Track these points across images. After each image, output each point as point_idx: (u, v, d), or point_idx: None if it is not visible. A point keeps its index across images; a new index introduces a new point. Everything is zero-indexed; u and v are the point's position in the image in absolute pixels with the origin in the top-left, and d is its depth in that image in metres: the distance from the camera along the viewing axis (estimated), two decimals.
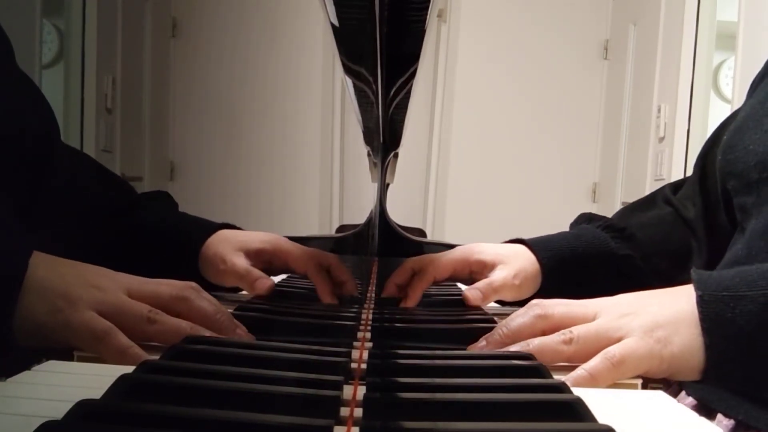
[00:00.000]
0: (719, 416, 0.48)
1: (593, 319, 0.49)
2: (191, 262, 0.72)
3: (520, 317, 0.51)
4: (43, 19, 2.24)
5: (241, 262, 0.71)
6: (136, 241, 0.74)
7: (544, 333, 0.49)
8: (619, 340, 0.45)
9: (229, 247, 0.72)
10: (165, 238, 0.74)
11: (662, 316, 0.46)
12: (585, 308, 0.50)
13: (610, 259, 0.75)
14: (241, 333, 0.52)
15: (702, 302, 0.45)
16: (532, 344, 0.47)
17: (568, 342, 0.46)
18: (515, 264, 0.73)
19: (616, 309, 0.48)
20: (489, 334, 0.51)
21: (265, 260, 0.74)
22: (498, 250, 0.76)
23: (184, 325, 0.49)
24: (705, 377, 0.45)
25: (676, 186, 0.83)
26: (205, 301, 0.52)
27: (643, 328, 0.45)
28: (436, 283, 0.74)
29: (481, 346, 0.51)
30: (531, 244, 0.77)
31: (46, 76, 2.38)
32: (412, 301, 0.71)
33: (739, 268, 0.48)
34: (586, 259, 0.75)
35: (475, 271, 0.75)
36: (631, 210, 0.84)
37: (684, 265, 0.75)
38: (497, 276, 0.72)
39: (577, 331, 0.47)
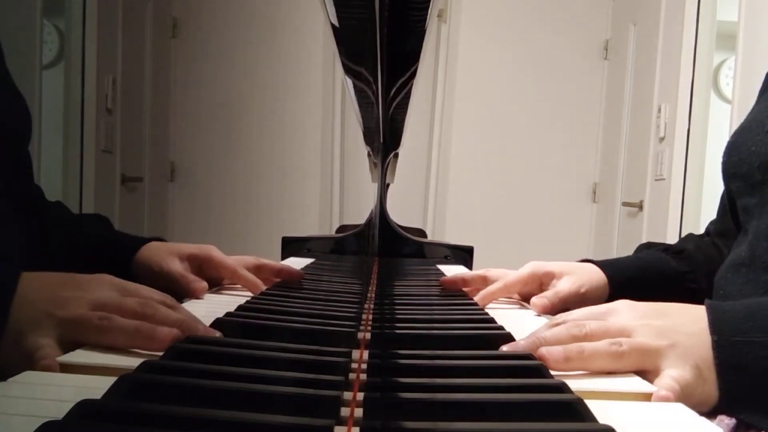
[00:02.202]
0: (720, 415, 0.48)
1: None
2: (125, 269, 0.78)
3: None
4: (44, 20, 2.24)
5: (176, 266, 0.78)
6: (72, 251, 0.79)
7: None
8: (658, 365, 0.46)
9: (163, 253, 0.79)
10: (100, 248, 0.81)
11: (697, 355, 0.47)
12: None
13: (673, 275, 0.81)
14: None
15: (718, 347, 0.46)
16: (587, 350, 0.47)
17: (620, 356, 0.46)
18: (582, 275, 0.79)
19: (653, 330, 0.48)
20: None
21: (197, 265, 0.81)
22: (564, 265, 0.83)
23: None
24: (714, 413, 0.46)
25: (714, 222, 0.90)
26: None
27: (683, 360, 0.46)
28: (509, 293, 0.83)
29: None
30: (598, 263, 0.83)
31: (47, 76, 2.38)
32: (483, 302, 0.79)
33: (749, 306, 0.48)
34: (651, 276, 0.81)
35: (544, 282, 0.81)
36: (687, 238, 0.92)
37: None
38: (563, 286, 0.78)
39: (626, 346, 0.47)
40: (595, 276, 0.79)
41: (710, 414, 0.48)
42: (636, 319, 0.49)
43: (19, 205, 0.69)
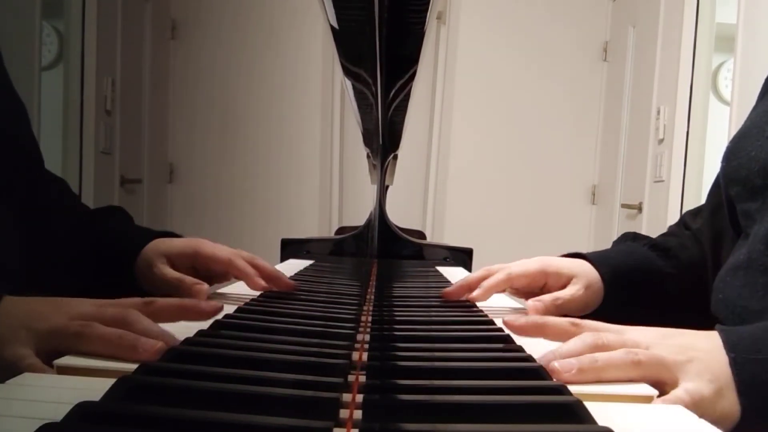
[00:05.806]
0: None
1: None
2: (127, 270, 0.77)
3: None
4: (43, 21, 2.25)
5: (169, 271, 0.74)
6: (85, 251, 0.78)
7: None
8: (676, 378, 0.46)
9: (155, 257, 0.76)
10: (106, 248, 0.79)
11: (716, 370, 0.46)
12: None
13: (658, 277, 0.81)
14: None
15: (736, 365, 0.45)
16: (601, 360, 0.45)
17: (636, 364, 0.46)
18: (585, 278, 0.77)
19: (673, 349, 0.48)
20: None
21: (188, 264, 0.77)
22: (570, 264, 0.80)
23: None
24: (737, 429, 0.46)
25: (693, 214, 0.89)
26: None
27: (700, 375, 0.46)
28: (511, 285, 0.79)
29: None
30: (591, 258, 0.81)
31: (46, 77, 2.38)
32: (481, 297, 0.75)
33: (762, 327, 0.48)
34: (639, 275, 0.80)
35: (551, 283, 0.78)
36: (668, 233, 0.90)
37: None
38: (565, 293, 0.75)
39: (643, 355, 0.46)
40: (595, 279, 0.78)
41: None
42: (651, 338, 0.49)
43: (15, 211, 0.69)
